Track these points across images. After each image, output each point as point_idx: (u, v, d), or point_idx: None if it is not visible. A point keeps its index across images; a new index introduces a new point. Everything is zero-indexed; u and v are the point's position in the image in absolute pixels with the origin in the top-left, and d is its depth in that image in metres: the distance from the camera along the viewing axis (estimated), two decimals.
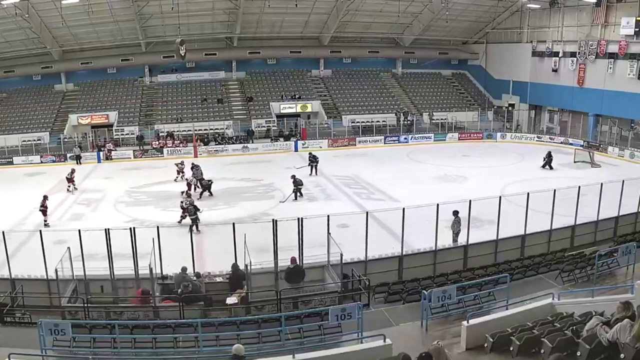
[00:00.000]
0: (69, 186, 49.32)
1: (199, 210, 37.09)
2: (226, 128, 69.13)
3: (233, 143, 66.69)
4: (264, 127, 70.82)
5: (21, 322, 22.50)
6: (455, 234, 31.58)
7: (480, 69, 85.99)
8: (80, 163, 59.93)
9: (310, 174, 52.07)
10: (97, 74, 74.54)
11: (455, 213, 31.20)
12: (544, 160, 55.42)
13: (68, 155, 61.97)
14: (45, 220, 39.05)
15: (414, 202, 30.73)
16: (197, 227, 36.08)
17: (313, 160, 52.80)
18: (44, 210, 39.21)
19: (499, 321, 17.78)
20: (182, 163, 52.22)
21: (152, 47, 72.27)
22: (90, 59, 71.96)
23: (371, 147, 66.63)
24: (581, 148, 62.12)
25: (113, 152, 63.07)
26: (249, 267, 23.53)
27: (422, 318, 20.68)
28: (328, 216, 26.55)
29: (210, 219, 37.80)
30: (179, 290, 23.21)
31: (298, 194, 45.42)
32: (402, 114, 74.50)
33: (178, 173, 51.66)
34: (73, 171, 50.68)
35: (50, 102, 71.96)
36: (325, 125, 71.80)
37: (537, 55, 74.66)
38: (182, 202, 38.99)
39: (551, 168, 54.74)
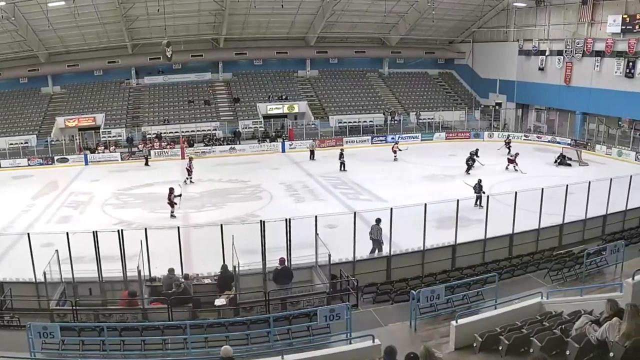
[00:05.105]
0: (187, 178, 50.87)
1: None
2: (214, 129, 69.11)
3: (220, 144, 66.71)
4: (251, 128, 70.72)
5: (10, 325, 22.47)
6: (375, 242, 31.03)
7: (466, 68, 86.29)
8: (148, 164, 61.26)
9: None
10: (84, 77, 74.30)
11: (378, 221, 30.85)
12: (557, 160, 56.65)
13: (55, 158, 61.88)
14: (172, 212, 40.71)
15: (402, 202, 30.74)
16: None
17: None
18: (170, 202, 40.48)
19: (488, 321, 17.77)
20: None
21: (139, 49, 72.29)
22: (77, 62, 71.80)
23: (358, 148, 66.63)
24: (569, 146, 62.37)
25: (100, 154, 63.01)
26: (237, 269, 23.55)
27: (410, 318, 20.67)
28: (316, 217, 26.57)
29: (198, 221, 37.84)
30: (172, 289, 23.25)
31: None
32: (389, 113, 74.55)
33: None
34: (191, 159, 52.55)
35: (37, 104, 71.71)
36: (312, 126, 71.97)
37: (523, 54, 74.98)
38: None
39: (567, 164, 56.41)
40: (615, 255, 26.28)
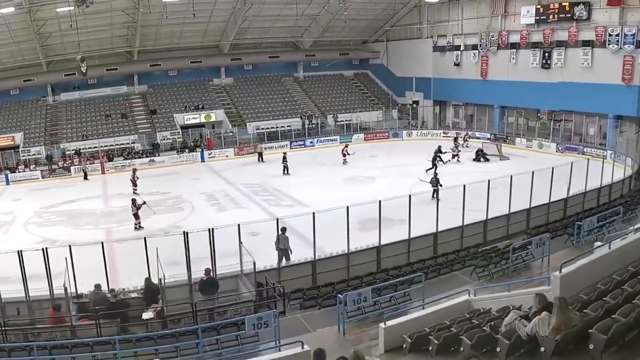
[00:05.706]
0: (135, 189, 50.76)
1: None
2: (132, 142, 68.45)
3: (139, 157, 66.12)
4: (169, 139, 70.25)
5: None
6: (282, 252, 30.57)
7: (382, 68, 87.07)
8: (87, 178, 60.86)
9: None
10: (0, 96, 72.88)
11: (283, 230, 30.33)
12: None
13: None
14: (138, 224, 40.65)
15: (324, 206, 30.60)
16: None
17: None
18: (135, 214, 40.36)
19: (416, 321, 17.94)
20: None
21: (54, 66, 71.19)
22: None
23: (278, 153, 66.13)
24: (488, 141, 62.93)
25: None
26: (162, 281, 23.42)
27: (338, 322, 20.89)
28: (239, 225, 26.60)
29: (121, 235, 37.45)
30: (109, 301, 23.13)
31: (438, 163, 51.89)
32: (306, 117, 74.59)
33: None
34: (135, 171, 52.71)
35: None
36: (231, 134, 71.83)
37: (438, 50, 75.95)
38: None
39: (486, 159, 57.67)
40: (541, 248, 26.74)
